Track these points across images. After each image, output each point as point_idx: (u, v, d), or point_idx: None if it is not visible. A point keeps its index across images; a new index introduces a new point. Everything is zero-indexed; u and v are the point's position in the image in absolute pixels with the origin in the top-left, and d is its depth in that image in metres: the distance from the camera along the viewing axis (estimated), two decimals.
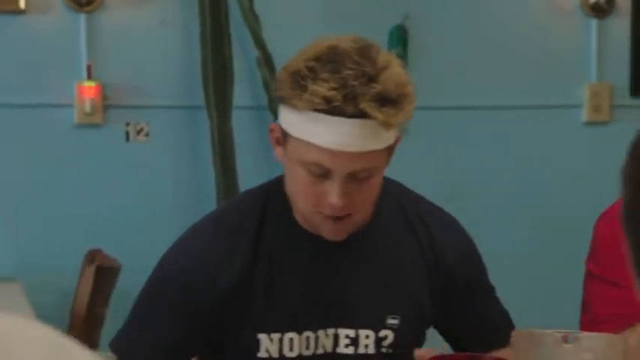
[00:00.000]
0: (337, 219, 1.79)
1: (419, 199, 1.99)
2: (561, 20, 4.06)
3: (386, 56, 1.75)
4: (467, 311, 1.98)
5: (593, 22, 4.06)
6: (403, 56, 3.91)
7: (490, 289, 2.03)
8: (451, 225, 1.99)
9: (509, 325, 1.97)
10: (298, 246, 1.87)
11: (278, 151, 1.83)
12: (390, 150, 1.81)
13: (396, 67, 1.73)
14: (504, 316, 2.02)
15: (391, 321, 1.89)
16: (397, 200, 1.95)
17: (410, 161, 3.98)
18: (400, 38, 3.91)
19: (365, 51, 1.73)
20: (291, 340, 1.85)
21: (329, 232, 1.82)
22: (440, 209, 2.01)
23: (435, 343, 2.01)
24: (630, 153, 0.92)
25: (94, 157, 3.73)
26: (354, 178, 1.76)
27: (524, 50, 4.04)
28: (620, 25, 4.08)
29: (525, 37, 4.05)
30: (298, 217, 1.87)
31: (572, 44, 4.08)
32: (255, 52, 3.75)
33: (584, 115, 4.06)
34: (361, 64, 1.71)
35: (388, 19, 3.89)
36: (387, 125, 1.72)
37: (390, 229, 1.92)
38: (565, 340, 1.52)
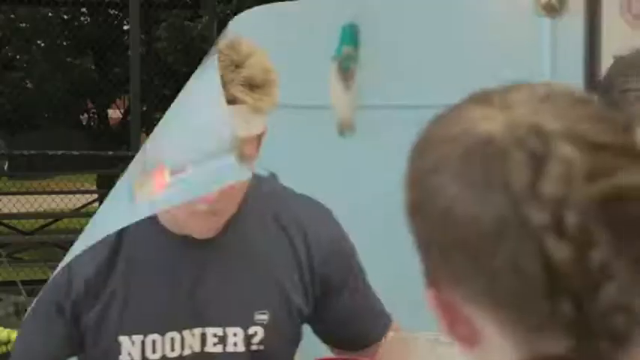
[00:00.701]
0: (209, 215, 1.76)
1: (288, 194, 1.96)
2: (514, 19, 4.03)
3: (249, 44, 1.76)
4: (344, 302, 1.94)
5: (546, 22, 4.02)
6: (355, 54, 3.88)
7: (363, 276, 2.00)
8: (323, 217, 1.96)
9: (386, 317, 1.97)
10: (160, 246, 1.84)
11: None
12: (259, 139, 1.79)
13: (259, 56, 1.75)
14: (380, 306, 2.00)
15: (260, 317, 1.86)
16: (265, 195, 1.92)
17: (363, 161, 3.94)
18: (353, 36, 3.87)
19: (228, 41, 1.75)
20: (154, 341, 1.82)
21: (200, 230, 1.80)
22: (311, 201, 1.97)
23: None
24: (410, 157, 0.90)
25: None
26: None
27: (477, 49, 3.99)
28: (573, 24, 4.04)
29: (478, 35, 4.00)
30: (161, 219, 1.84)
31: (524, 43, 4.04)
32: None
33: None
34: (226, 53, 1.71)
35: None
36: (257, 110, 1.72)
37: (259, 224, 1.89)
38: (437, 342, 1.50)
